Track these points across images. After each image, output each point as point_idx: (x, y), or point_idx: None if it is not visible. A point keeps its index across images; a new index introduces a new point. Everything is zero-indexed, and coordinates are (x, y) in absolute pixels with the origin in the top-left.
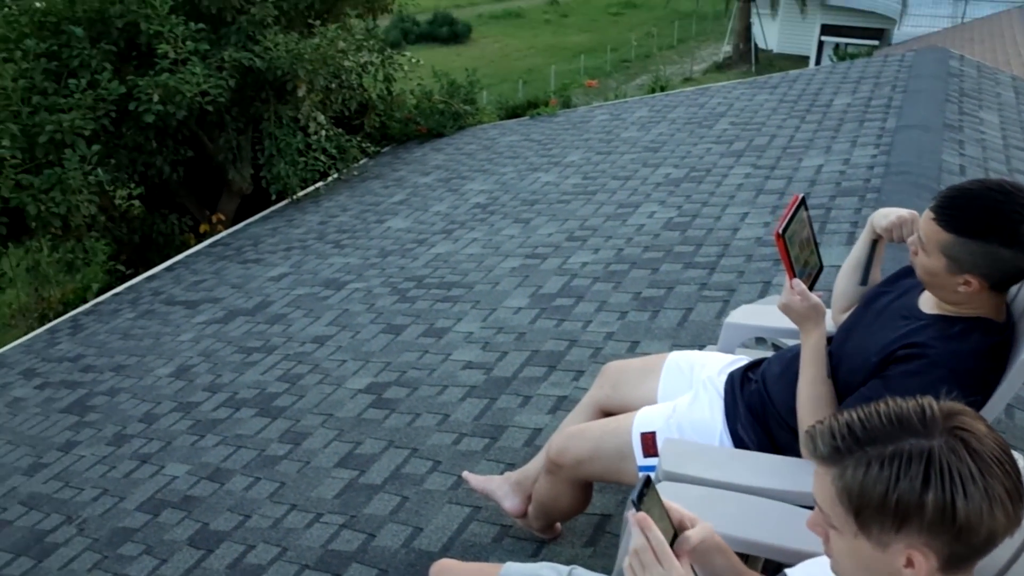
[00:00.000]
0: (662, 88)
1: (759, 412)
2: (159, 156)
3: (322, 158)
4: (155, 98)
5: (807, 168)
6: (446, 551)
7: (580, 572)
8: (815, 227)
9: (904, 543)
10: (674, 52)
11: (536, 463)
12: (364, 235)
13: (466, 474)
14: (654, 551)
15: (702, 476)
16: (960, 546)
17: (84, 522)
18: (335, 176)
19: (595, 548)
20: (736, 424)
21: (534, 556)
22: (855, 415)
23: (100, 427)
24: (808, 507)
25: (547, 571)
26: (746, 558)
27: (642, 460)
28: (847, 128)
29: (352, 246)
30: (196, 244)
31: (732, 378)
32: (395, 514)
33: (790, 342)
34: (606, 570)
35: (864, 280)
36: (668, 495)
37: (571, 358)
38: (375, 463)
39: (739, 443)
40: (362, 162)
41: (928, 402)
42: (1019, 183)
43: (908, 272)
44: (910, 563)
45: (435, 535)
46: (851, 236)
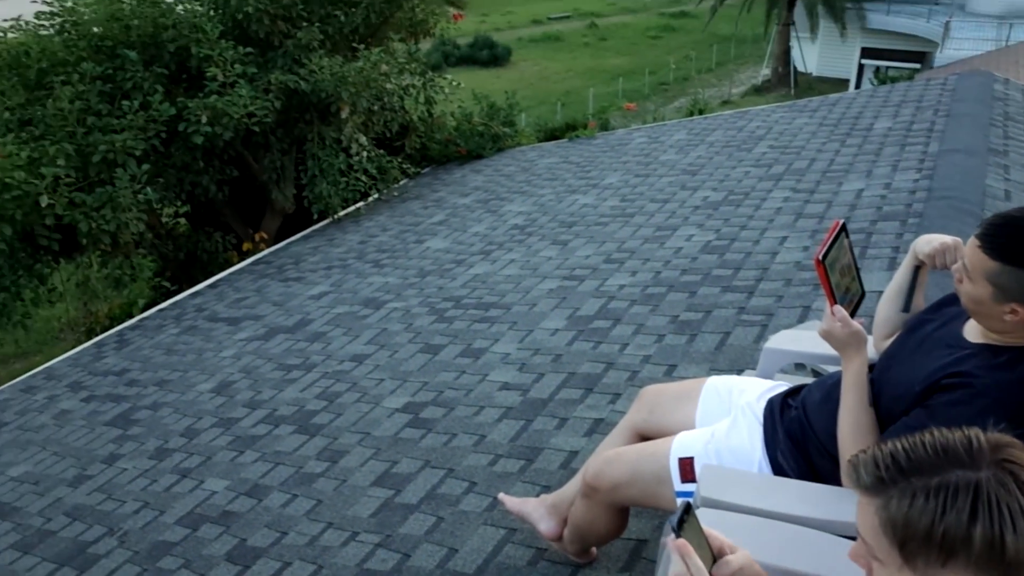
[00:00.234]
0: (700, 111)
1: (799, 439)
2: (206, 175)
3: (363, 178)
4: (204, 119)
5: (847, 192)
6: (481, 573)
7: None
8: (856, 252)
9: None
10: (712, 75)
11: (572, 486)
12: (403, 255)
13: (502, 496)
14: None
15: (741, 503)
16: None
17: (125, 535)
18: (376, 196)
19: (631, 573)
20: (775, 451)
21: None
22: (899, 445)
23: (143, 441)
24: (850, 537)
25: None
26: None
27: (679, 485)
28: (888, 152)
29: (391, 266)
30: (239, 262)
31: (771, 404)
32: (430, 534)
33: (830, 368)
34: None
35: (907, 307)
36: (707, 522)
37: (608, 381)
38: (411, 483)
39: (778, 470)
40: (402, 183)
41: (975, 433)
42: None
43: (952, 300)
44: None
45: (470, 557)
46: (892, 261)
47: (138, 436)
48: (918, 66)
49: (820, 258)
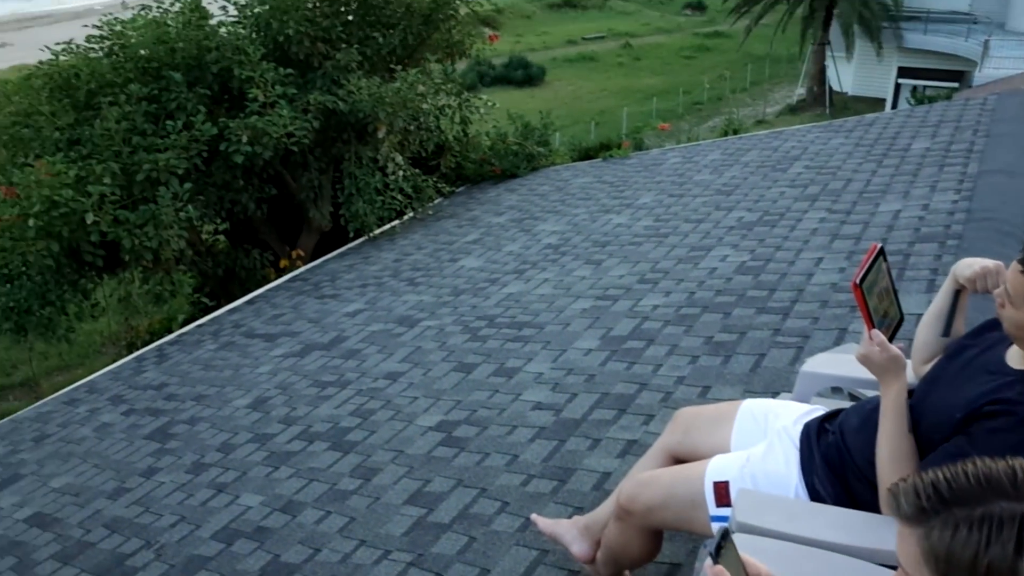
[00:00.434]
0: (735, 131)
1: (836, 465)
2: (245, 194)
3: (399, 197)
4: (244, 139)
5: (884, 213)
6: None
7: None
8: (893, 275)
9: None
10: (747, 95)
11: (606, 508)
12: (438, 273)
13: (535, 517)
14: None
15: (778, 529)
16: None
17: (162, 548)
18: (411, 215)
19: None
20: (812, 476)
21: None
22: (941, 474)
23: (180, 455)
24: (889, 566)
25: None
26: None
27: (714, 510)
28: (926, 173)
29: (426, 284)
30: (276, 279)
31: (808, 429)
32: (462, 554)
33: (868, 393)
34: None
35: (946, 332)
36: (742, 547)
37: (641, 402)
38: (444, 501)
39: (815, 496)
40: (437, 201)
41: (1019, 464)
42: None
43: (994, 325)
44: None
45: None
46: (931, 284)
47: (175, 450)
48: (956, 85)
49: (857, 282)
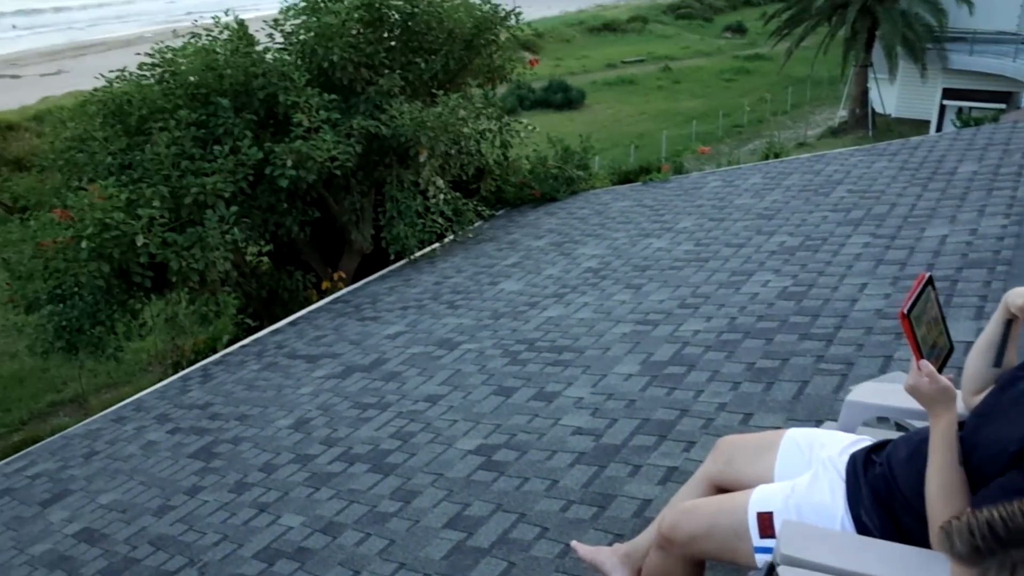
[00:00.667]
0: (776, 155)
1: (884, 497)
2: (289, 216)
3: (439, 220)
4: (289, 163)
5: (930, 238)
6: None
7: None
8: (942, 301)
9: None
10: (787, 117)
11: (647, 536)
12: (477, 296)
13: (575, 543)
14: None
15: (824, 562)
16: None
17: (205, 566)
18: (451, 238)
19: None
20: (859, 508)
21: None
22: (996, 513)
23: (223, 474)
24: None
25: None
26: None
27: (758, 541)
28: (974, 197)
29: (466, 307)
30: (318, 300)
31: (854, 460)
32: None
33: (916, 423)
34: None
35: (998, 362)
36: None
37: (682, 428)
38: (483, 526)
39: (862, 529)
40: (477, 225)
41: None
42: None
43: None
44: None
45: None
46: (979, 311)
47: (219, 469)
48: (1003, 106)
49: (905, 312)
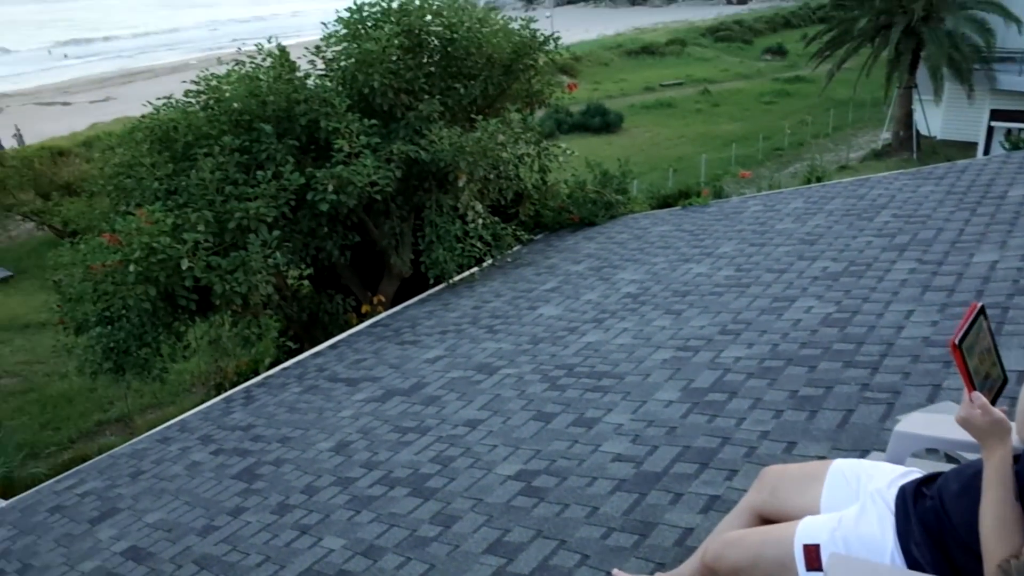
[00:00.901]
0: (818, 178)
1: (935, 531)
2: (330, 241)
3: (478, 244)
4: (330, 188)
5: (979, 264)
6: None
7: None
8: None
9: None
10: (829, 140)
11: (689, 566)
12: (516, 321)
13: (616, 572)
14: None
15: None
16: None
17: None
18: (490, 262)
19: None
20: (909, 542)
21: None
22: None
23: (266, 495)
24: None
25: None
26: None
27: (804, 573)
28: None
29: (505, 332)
30: (358, 324)
31: (904, 492)
32: None
33: (968, 455)
34: None
35: None
36: None
37: (724, 456)
38: (523, 552)
39: (912, 563)
40: (516, 249)
41: None
42: None
43: None
44: None
45: None
46: None
47: (262, 491)
48: None
49: (956, 342)
